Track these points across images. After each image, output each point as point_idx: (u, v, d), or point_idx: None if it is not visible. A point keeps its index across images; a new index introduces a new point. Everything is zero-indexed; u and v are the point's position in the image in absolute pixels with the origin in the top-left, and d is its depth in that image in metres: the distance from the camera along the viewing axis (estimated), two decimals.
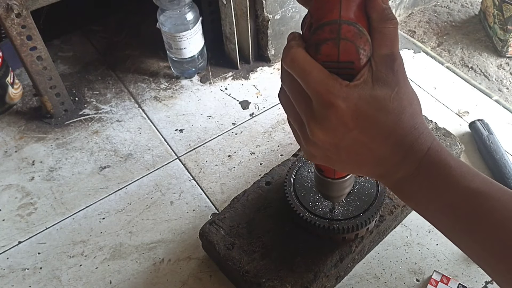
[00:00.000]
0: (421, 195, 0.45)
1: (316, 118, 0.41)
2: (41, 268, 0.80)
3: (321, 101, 0.40)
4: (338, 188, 0.60)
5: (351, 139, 0.42)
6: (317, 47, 0.41)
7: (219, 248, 0.71)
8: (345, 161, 0.45)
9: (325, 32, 0.40)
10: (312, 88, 0.40)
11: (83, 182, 0.92)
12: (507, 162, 0.87)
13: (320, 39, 0.40)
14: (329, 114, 0.40)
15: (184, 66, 1.08)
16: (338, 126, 0.41)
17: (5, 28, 0.85)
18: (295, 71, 0.41)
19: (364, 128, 0.41)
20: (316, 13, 0.41)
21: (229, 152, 0.96)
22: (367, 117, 0.41)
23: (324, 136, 0.42)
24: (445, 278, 0.76)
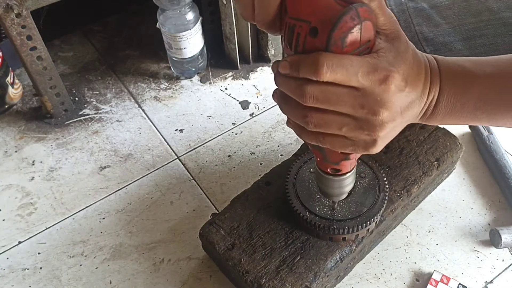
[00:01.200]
0: (458, 103, 0.47)
1: (377, 101, 0.42)
2: (41, 268, 0.80)
3: (376, 81, 0.41)
4: (340, 185, 0.61)
5: (404, 96, 0.44)
6: (343, 41, 0.40)
7: (219, 248, 0.71)
8: (401, 123, 0.46)
9: (347, 22, 0.39)
10: (361, 76, 0.41)
11: (83, 182, 0.92)
12: (507, 162, 0.87)
13: (344, 31, 0.40)
14: (387, 87, 0.42)
15: (184, 66, 1.08)
16: (396, 92, 0.42)
17: (5, 28, 0.85)
18: (336, 74, 0.40)
19: (408, 81, 0.43)
20: (315, 15, 0.41)
21: (229, 152, 0.96)
22: (406, 69, 0.43)
23: (389, 112, 0.43)
24: (445, 278, 0.76)
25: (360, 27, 0.40)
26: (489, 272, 0.78)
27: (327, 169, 0.58)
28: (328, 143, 0.47)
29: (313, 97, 0.42)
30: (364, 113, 0.43)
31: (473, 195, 0.87)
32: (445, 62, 0.48)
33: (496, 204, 0.86)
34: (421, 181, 0.77)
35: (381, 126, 0.44)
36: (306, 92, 0.42)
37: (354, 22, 0.40)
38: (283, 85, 0.45)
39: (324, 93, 0.42)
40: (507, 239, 0.78)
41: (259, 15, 0.44)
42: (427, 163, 0.79)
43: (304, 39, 0.42)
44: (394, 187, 0.76)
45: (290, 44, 0.43)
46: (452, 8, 0.67)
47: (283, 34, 0.45)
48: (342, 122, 0.44)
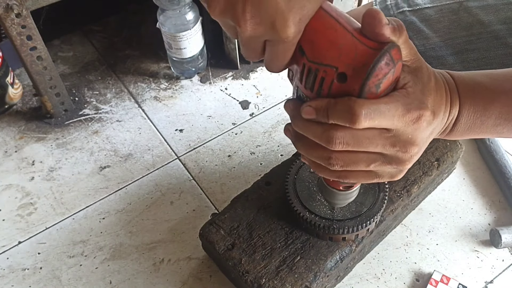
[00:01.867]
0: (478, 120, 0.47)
1: (408, 139, 0.42)
2: (41, 268, 0.80)
3: (409, 121, 0.41)
4: (346, 198, 0.60)
5: (431, 127, 0.43)
6: (377, 87, 0.38)
7: (219, 248, 0.71)
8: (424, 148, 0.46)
9: (382, 69, 0.38)
10: (397, 120, 0.40)
11: (83, 182, 0.92)
12: (507, 162, 0.87)
13: (380, 79, 0.38)
14: (419, 126, 0.41)
15: (184, 66, 1.08)
16: (426, 127, 0.42)
17: (5, 28, 0.85)
18: (374, 121, 0.39)
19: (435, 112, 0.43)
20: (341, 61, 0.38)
21: (229, 152, 0.96)
22: (433, 101, 0.42)
23: (418, 147, 0.43)
24: (445, 278, 0.76)
25: (394, 70, 0.39)
26: (489, 272, 0.78)
27: (339, 187, 0.56)
28: (352, 179, 0.45)
29: (343, 143, 0.40)
30: (395, 151, 0.42)
31: (473, 195, 0.87)
32: (462, 79, 0.47)
33: (496, 204, 0.86)
34: (421, 181, 0.77)
35: (410, 159, 0.44)
36: (335, 138, 0.40)
37: (389, 67, 0.38)
38: (305, 129, 0.42)
39: (355, 138, 0.40)
40: (507, 239, 0.78)
41: (272, 63, 0.42)
42: (427, 163, 0.79)
43: (330, 84, 0.39)
44: (394, 187, 0.76)
45: (311, 87, 0.40)
46: (443, 21, 0.67)
47: (300, 75, 0.41)
48: (370, 160, 0.43)
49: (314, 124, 0.41)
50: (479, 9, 0.65)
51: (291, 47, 0.40)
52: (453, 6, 0.67)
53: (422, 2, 0.69)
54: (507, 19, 0.64)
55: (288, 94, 1.06)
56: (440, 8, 0.67)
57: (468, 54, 0.65)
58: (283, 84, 1.08)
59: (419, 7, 0.69)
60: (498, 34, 0.64)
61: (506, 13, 0.64)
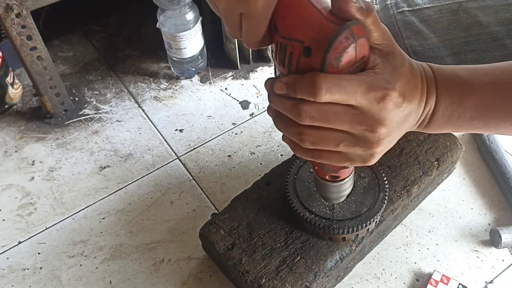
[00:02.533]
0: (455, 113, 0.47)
1: (374, 119, 0.42)
2: (41, 268, 0.80)
3: (373, 100, 0.41)
4: (338, 190, 0.61)
5: (401, 111, 0.44)
6: (338, 61, 0.40)
7: (219, 248, 0.71)
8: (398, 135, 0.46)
9: (342, 43, 0.39)
10: (360, 96, 0.41)
11: (83, 182, 0.92)
12: (507, 162, 0.87)
13: (339, 52, 0.39)
14: (384, 105, 0.42)
15: (184, 66, 1.08)
16: (394, 109, 0.43)
17: (5, 28, 0.85)
18: (334, 95, 0.40)
19: (405, 96, 0.43)
20: (307, 35, 0.40)
21: (229, 152, 0.96)
22: (403, 84, 0.43)
23: (386, 128, 0.43)
24: (445, 278, 0.76)
25: (355, 45, 0.40)
26: (489, 272, 0.78)
27: (326, 176, 0.58)
28: (324, 159, 0.47)
29: (309, 116, 0.42)
30: (362, 130, 0.43)
31: (473, 195, 0.87)
32: (441, 71, 0.47)
33: (496, 204, 0.86)
34: (421, 181, 0.77)
35: (378, 142, 0.44)
36: (302, 111, 0.42)
37: (349, 41, 0.39)
38: (278, 104, 0.44)
39: (321, 112, 0.42)
40: (507, 239, 0.78)
41: (247, 36, 0.43)
42: (427, 163, 0.79)
43: (297, 59, 0.41)
44: (394, 187, 0.76)
45: (282, 63, 0.43)
46: (442, 22, 0.67)
47: (274, 51, 0.44)
48: (339, 139, 0.44)
49: (285, 99, 0.43)
50: (478, 10, 0.65)
51: (263, 21, 0.42)
52: (452, 6, 0.67)
53: (421, 2, 0.69)
54: (506, 20, 0.64)
55: None
56: (439, 8, 0.67)
57: (466, 55, 0.65)
58: None
59: (419, 7, 0.69)
60: (497, 36, 0.64)
61: (505, 14, 0.64)
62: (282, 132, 0.47)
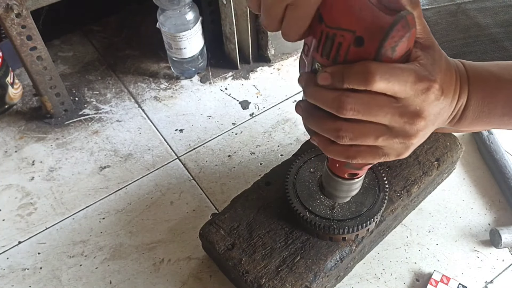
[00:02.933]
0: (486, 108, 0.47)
1: (416, 110, 0.42)
2: (41, 268, 0.80)
3: (419, 91, 0.41)
4: (349, 189, 0.60)
5: (439, 104, 0.44)
6: (393, 50, 0.40)
7: (219, 248, 0.71)
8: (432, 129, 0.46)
9: (399, 31, 0.39)
10: (409, 85, 0.41)
11: (83, 182, 0.92)
12: (507, 162, 0.87)
13: (396, 41, 0.39)
14: (427, 97, 0.42)
15: (184, 66, 1.08)
16: (434, 101, 0.43)
17: (5, 28, 0.85)
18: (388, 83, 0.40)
19: (444, 89, 0.43)
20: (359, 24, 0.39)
21: (229, 152, 0.96)
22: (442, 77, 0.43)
23: (425, 121, 0.43)
24: (445, 278, 0.76)
25: (409, 35, 0.40)
26: (489, 272, 0.78)
27: (344, 174, 0.56)
28: (360, 157, 0.45)
29: (353, 108, 0.41)
30: (402, 122, 0.42)
31: (473, 195, 0.87)
32: (473, 67, 0.47)
33: (496, 204, 0.86)
34: (421, 181, 0.77)
35: (416, 134, 0.44)
36: (346, 102, 0.41)
37: (405, 30, 0.39)
38: (317, 96, 0.43)
39: (366, 104, 0.41)
40: (507, 239, 0.78)
41: (291, 28, 0.42)
42: (427, 163, 0.79)
43: (347, 49, 0.40)
44: (394, 187, 0.76)
45: (327, 54, 0.41)
46: (440, 23, 0.67)
47: (316, 43, 0.42)
48: (379, 132, 0.43)
49: (326, 91, 0.42)
50: (477, 12, 0.65)
51: (311, 12, 0.41)
52: (451, 8, 0.67)
53: (420, 3, 0.69)
54: (505, 22, 0.64)
55: (288, 94, 1.06)
56: (438, 10, 0.67)
57: (465, 57, 0.65)
58: (283, 84, 1.08)
59: None
60: (495, 37, 0.64)
61: (503, 16, 0.64)
62: (314, 129, 0.46)
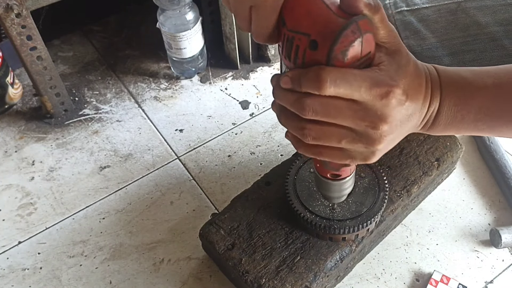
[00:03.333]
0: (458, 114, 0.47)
1: (377, 115, 0.42)
2: (41, 268, 0.80)
3: (377, 95, 0.41)
4: (339, 189, 0.61)
5: (404, 110, 0.44)
6: (344, 54, 0.40)
7: (219, 248, 0.71)
8: (400, 134, 0.46)
9: (348, 36, 0.39)
10: (364, 91, 0.41)
11: (83, 182, 0.92)
12: (507, 162, 0.87)
13: (346, 45, 0.40)
14: (388, 102, 0.42)
15: (184, 66, 1.08)
16: (396, 106, 0.43)
17: (5, 28, 0.85)
18: (339, 88, 0.40)
19: (409, 94, 0.43)
20: (314, 28, 0.40)
21: (229, 152, 0.96)
22: (407, 83, 0.43)
23: (388, 125, 0.43)
24: (445, 278, 0.76)
25: (361, 40, 0.40)
26: (489, 272, 0.78)
27: (327, 174, 0.58)
28: (326, 156, 0.47)
29: (312, 110, 0.42)
30: (364, 126, 0.43)
31: (473, 195, 0.87)
32: (446, 72, 0.47)
33: (496, 204, 0.86)
34: (421, 181, 0.77)
35: (380, 139, 0.44)
36: (305, 105, 0.42)
37: (355, 35, 0.40)
38: (282, 98, 0.45)
39: (324, 106, 0.42)
40: (507, 239, 0.78)
41: (257, 29, 0.44)
42: (427, 163, 0.79)
43: (303, 52, 0.42)
44: (394, 187, 0.76)
45: (289, 56, 0.43)
46: (440, 22, 0.67)
47: (281, 45, 0.44)
48: (341, 135, 0.44)
49: (290, 93, 0.43)
50: (476, 10, 0.65)
51: (272, 13, 0.42)
52: (451, 6, 0.67)
53: (420, 2, 0.69)
54: (504, 20, 0.64)
55: None
56: (438, 8, 0.67)
57: (464, 55, 0.65)
58: None
59: (417, 7, 0.69)
60: (495, 36, 0.64)
61: (503, 15, 0.64)
62: (285, 127, 0.47)
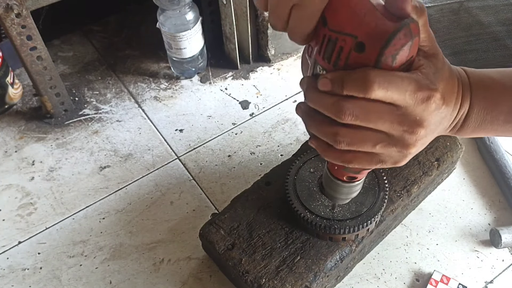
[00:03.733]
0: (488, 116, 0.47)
1: (416, 119, 0.42)
2: (41, 268, 0.80)
3: (419, 100, 0.41)
4: (348, 191, 0.59)
5: (440, 114, 0.43)
6: (394, 58, 0.39)
7: (219, 248, 0.71)
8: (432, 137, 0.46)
9: (401, 39, 0.38)
10: (409, 94, 0.40)
11: (83, 182, 0.92)
12: (507, 162, 0.87)
13: (397, 49, 0.39)
14: (427, 106, 0.41)
15: (184, 66, 1.08)
16: (434, 111, 0.42)
17: (5, 28, 0.85)
18: (387, 91, 0.39)
19: (445, 98, 0.43)
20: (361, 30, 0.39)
21: (229, 152, 0.96)
22: (444, 87, 0.43)
23: (425, 130, 0.43)
24: (445, 278, 0.76)
25: (411, 44, 0.39)
26: (489, 272, 0.78)
27: (343, 177, 0.56)
28: (356, 162, 0.45)
29: (352, 114, 0.40)
30: (401, 131, 0.42)
31: (473, 195, 0.87)
32: (475, 74, 0.47)
33: (496, 204, 0.86)
34: (421, 181, 0.77)
35: (415, 143, 0.43)
36: (345, 108, 0.40)
37: (407, 39, 0.39)
38: (317, 101, 0.43)
39: (364, 110, 0.40)
40: (507, 239, 0.78)
41: (295, 29, 0.42)
42: (427, 163, 0.79)
43: (347, 54, 0.40)
44: (394, 187, 0.76)
45: (329, 58, 0.41)
46: (442, 21, 0.67)
47: (319, 46, 0.42)
48: (376, 139, 0.43)
49: (327, 95, 0.42)
50: (479, 10, 0.65)
51: (316, 13, 0.40)
52: (453, 6, 0.67)
53: (422, 1, 0.69)
54: (507, 20, 0.64)
55: (288, 94, 1.06)
56: (440, 7, 0.67)
57: (467, 55, 0.65)
58: (283, 84, 1.08)
59: None
60: (497, 36, 0.64)
61: (506, 14, 0.64)
62: (313, 132, 0.45)
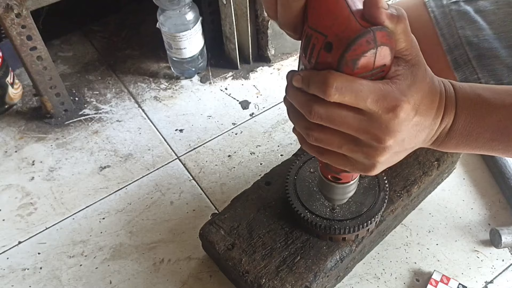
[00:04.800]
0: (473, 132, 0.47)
1: (382, 128, 0.41)
2: (41, 268, 0.80)
3: (384, 108, 0.41)
4: (341, 192, 0.60)
5: (412, 125, 0.43)
6: (354, 63, 0.39)
7: (219, 248, 0.71)
8: (405, 149, 0.45)
9: (361, 46, 0.38)
10: (370, 102, 0.40)
11: (83, 182, 0.92)
12: (507, 162, 0.87)
13: (358, 54, 0.39)
14: (395, 116, 0.41)
15: (184, 66, 1.08)
16: (404, 121, 0.42)
17: (5, 28, 0.85)
18: (344, 97, 0.40)
19: (419, 110, 0.43)
20: (332, 30, 0.39)
21: (229, 152, 0.96)
22: (419, 99, 0.42)
23: (393, 140, 0.42)
24: (445, 278, 0.76)
25: (375, 51, 0.39)
26: (489, 272, 0.78)
27: (328, 175, 0.57)
28: (326, 158, 0.47)
29: (317, 115, 0.42)
30: (367, 138, 0.42)
31: (473, 195, 0.87)
32: (463, 90, 0.47)
33: (496, 204, 0.86)
34: (421, 181, 0.77)
35: (382, 152, 0.43)
36: (312, 109, 0.42)
37: (369, 46, 0.39)
38: (293, 97, 0.44)
39: (328, 113, 0.41)
40: (507, 239, 0.78)
41: (281, 15, 0.43)
42: (427, 163, 0.79)
43: (318, 52, 0.41)
44: (394, 187, 0.76)
45: (305, 53, 0.43)
46: (498, 13, 0.65)
47: (301, 41, 0.44)
48: (342, 141, 0.43)
49: (300, 93, 0.43)
50: None
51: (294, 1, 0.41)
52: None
53: None
54: None
55: None
56: (496, 0, 0.66)
57: None
58: (283, 84, 1.08)
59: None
60: None
61: None
62: (292, 123, 0.47)
